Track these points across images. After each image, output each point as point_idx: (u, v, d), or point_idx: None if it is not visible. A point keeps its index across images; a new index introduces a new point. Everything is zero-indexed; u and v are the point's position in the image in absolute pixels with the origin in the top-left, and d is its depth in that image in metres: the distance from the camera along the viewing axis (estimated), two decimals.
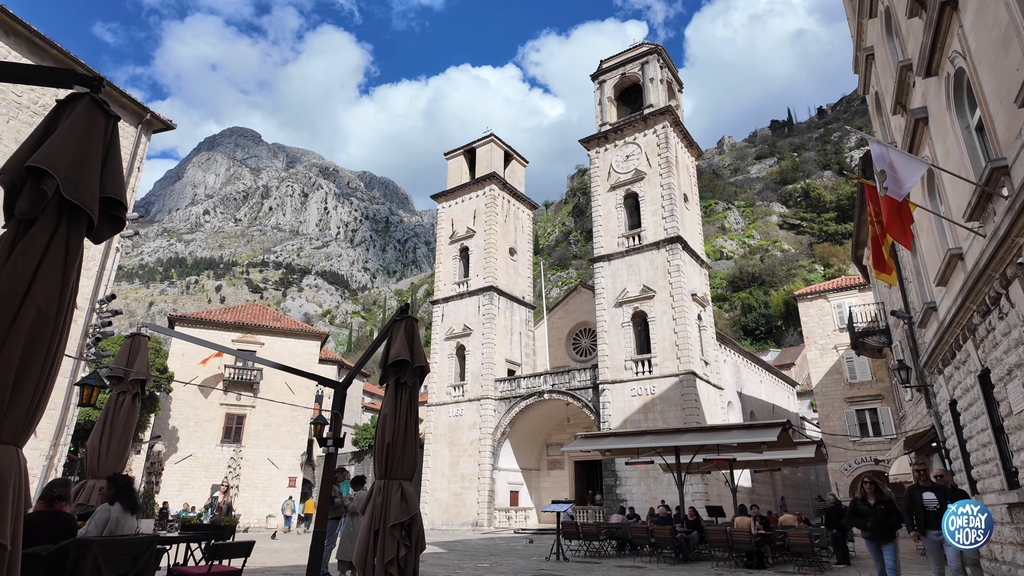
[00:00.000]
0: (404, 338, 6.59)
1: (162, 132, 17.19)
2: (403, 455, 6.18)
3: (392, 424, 6.24)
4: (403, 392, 6.42)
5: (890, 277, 8.68)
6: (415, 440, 6.41)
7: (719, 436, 14.03)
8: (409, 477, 6.21)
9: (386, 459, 6.11)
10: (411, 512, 5.96)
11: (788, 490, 36.72)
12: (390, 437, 6.18)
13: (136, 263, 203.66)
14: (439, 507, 32.05)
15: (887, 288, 17.85)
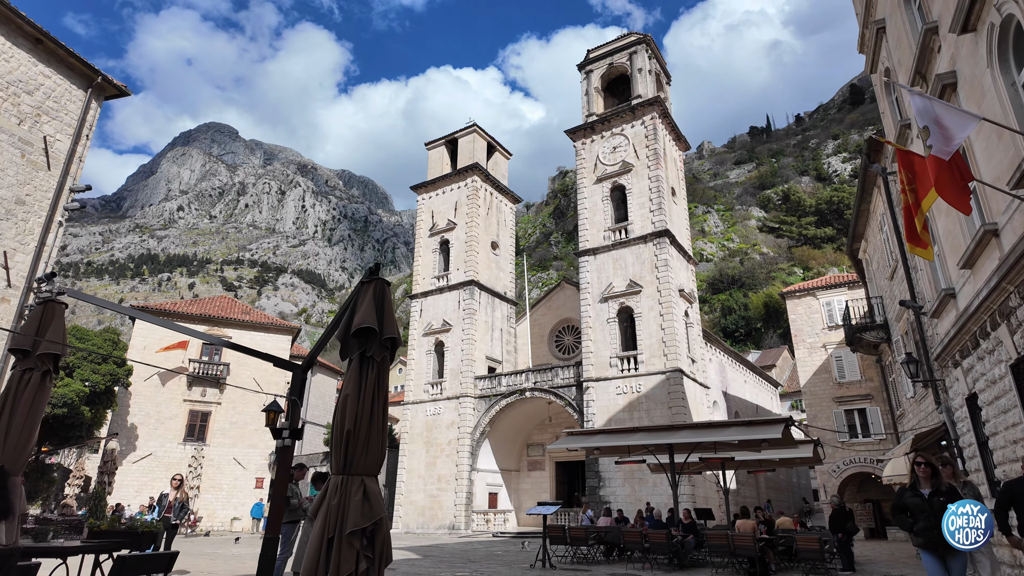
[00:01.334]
0: (372, 303, 5.40)
1: (116, 99, 15.71)
2: (367, 445, 4.99)
3: (355, 406, 5.04)
4: (369, 368, 5.22)
5: (926, 252, 7.71)
6: (383, 427, 5.22)
7: (718, 433, 13.04)
8: (374, 472, 5.03)
9: (345, 449, 4.91)
10: (375, 515, 4.77)
11: (772, 492, 36.10)
12: (351, 423, 4.99)
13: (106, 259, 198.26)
14: (414, 510, 30.70)
15: (888, 281, 17.07)
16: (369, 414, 5.08)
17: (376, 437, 5.07)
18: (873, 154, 15.44)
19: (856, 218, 19.13)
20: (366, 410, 5.07)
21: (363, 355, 5.29)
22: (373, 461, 5.04)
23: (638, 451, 14.72)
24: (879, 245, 17.86)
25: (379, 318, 5.40)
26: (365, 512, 4.81)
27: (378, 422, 5.13)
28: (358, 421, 5.01)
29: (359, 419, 5.02)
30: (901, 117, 12.45)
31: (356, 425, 5.00)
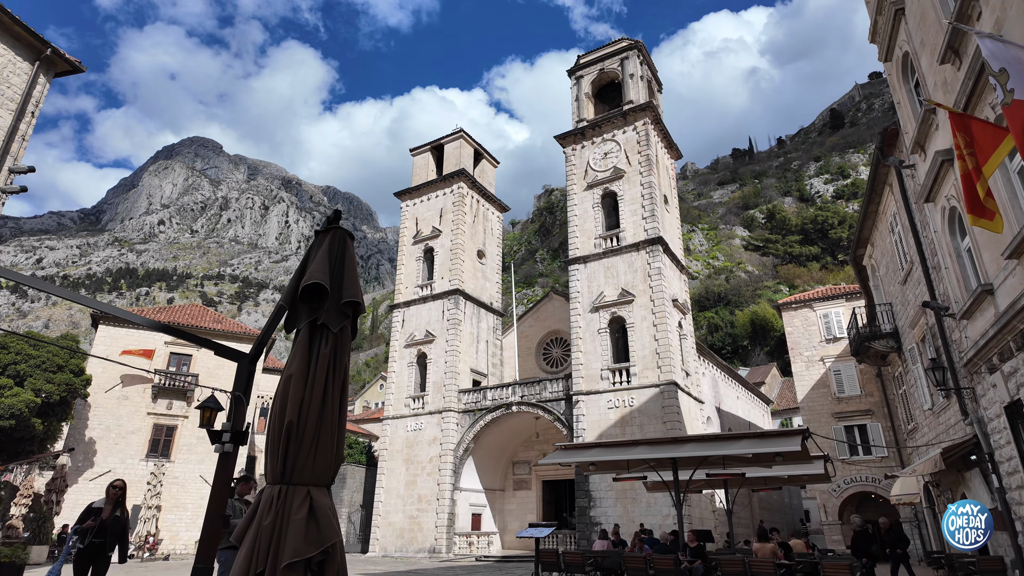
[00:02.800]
0: (327, 257, 4.11)
1: (67, 76, 14.34)
2: (316, 444, 3.68)
3: (300, 391, 3.73)
4: (321, 341, 3.92)
5: (993, 223, 6.61)
6: (339, 420, 3.91)
7: (729, 446, 11.80)
8: (326, 482, 3.72)
9: (285, 449, 3.59)
10: (324, 541, 3.44)
11: (766, 513, 34.82)
12: (294, 412, 3.68)
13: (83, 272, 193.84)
14: (393, 531, 28.93)
15: (899, 285, 16.09)
16: (321, 402, 3.76)
17: (329, 434, 3.74)
18: (886, 148, 14.53)
19: (862, 222, 18.22)
20: (316, 396, 3.74)
21: (314, 324, 4.00)
22: (324, 467, 3.71)
23: (638, 466, 13.41)
24: (888, 248, 16.92)
25: (335, 275, 4.12)
26: (311, 536, 3.47)
27: (332, 413, 3.80)
28: (304, 411, 3.68)
29: (306, 408, 3.69)
30: (925, 101, 11.50)
31: (301, 416, 3.67)
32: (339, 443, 3.81)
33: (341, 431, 3.85)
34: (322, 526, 3.47)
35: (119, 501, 7.77)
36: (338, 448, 3.80)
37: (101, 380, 27.79)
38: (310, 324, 3.97)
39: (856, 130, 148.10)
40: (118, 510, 7.69)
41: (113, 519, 7.55)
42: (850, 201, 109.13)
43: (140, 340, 29.25)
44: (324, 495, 3.62)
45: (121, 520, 7.66)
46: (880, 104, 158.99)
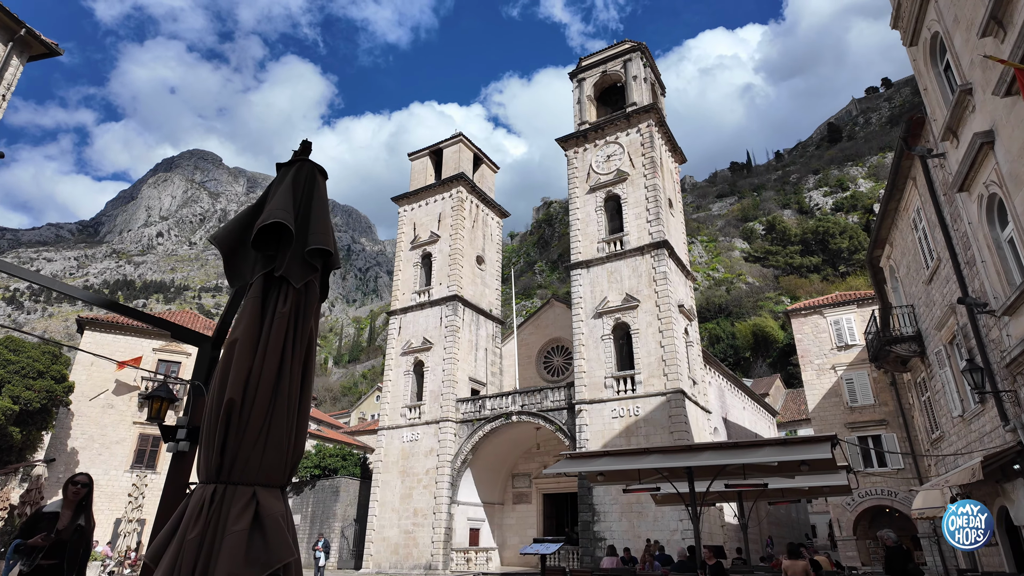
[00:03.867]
0: (290, 193, 3.22)
1: (42, 59, 13.52)
2: (267, 431, 2.76)
3: (247, 362, 2.82)
4: (278, 298, 3.03)
5: None
6: (301, 405, 3.00)
7: (751, 454, 10.85)
8: (280, 482, 2.79)
9: (224, 437, 2.69)
10: (271, 562, 2.50)
11: (774, 528, 33.70)
12: (237, 389, 2.76)
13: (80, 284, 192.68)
14: (387, 547, 27.76)
15: (924, 285, 15.22)
16: (275, 376, 2.84)
17: (285, 418, 2.81)
18: (911, 139, 13.72)
19: (881, 220, 17.39)
20: (269, 369, 2.81)
21: (269, 277, 3.10)
22: (276, 461, 2.77)
23: (649, 477, 12.44)
24: (909, 247, 16.07)
25: (301, 218, 3.23)
26: (255, 555, 2.52)
27: (289, 392, 2.88)
28: (252, 387, 2.76)
29: (254, 384, 2.76)
30: (961, 82, 10.70)
31: (247, 394, 2.75)
32: (299, 431, 2.89)
33: (302, 416, 2.93)
34: (271, 541, 2.55)
35: (82, 504, 5.13)
36: (298, 438, 2.88)
37: (85, 388, 26.76)
38: (265, 277, 3.07)
39: (854, 144, 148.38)
40: (80, 517, 5.06)
41: (75, 530, 4.96)
42: (849, 213, 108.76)
43: (128, 347, 28.26)
44: (276, 499, 2.69)
45: (85, 533, 5.06)
46: (878, 118, 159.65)
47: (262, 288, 3.02)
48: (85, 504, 5.25)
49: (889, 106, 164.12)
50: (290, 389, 2.85)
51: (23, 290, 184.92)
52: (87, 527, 5.20)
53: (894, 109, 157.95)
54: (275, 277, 3.03)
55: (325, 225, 3.21)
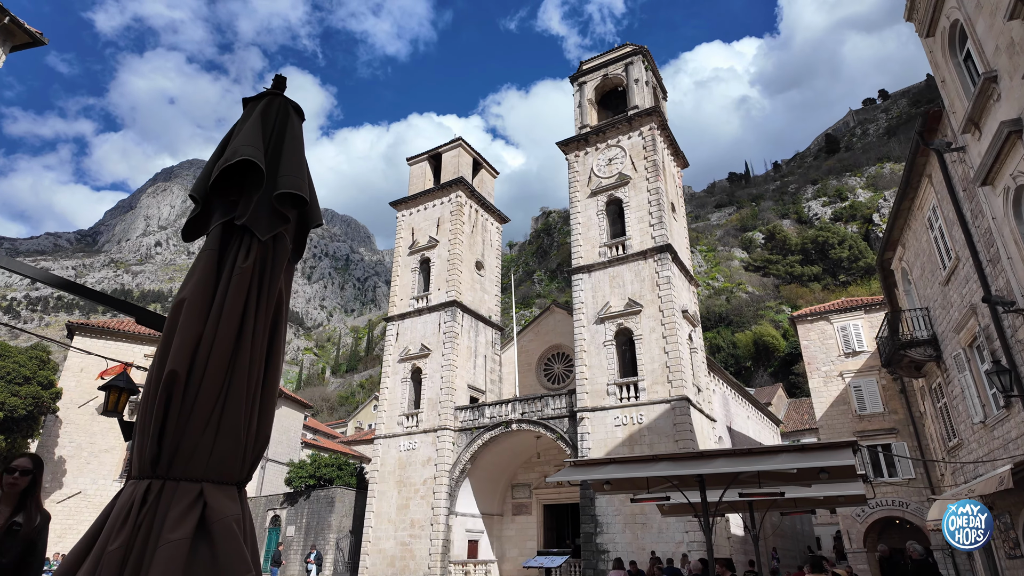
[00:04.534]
0: (258, 126, 2.66)
1: (25, 49, 13.02)
2: (221, 414, 2.18)
3: (197, 327, 2.24)
4: (238, 252, 2.47)
5: None
6: (267, 385, 2.42)
7: (767, 461, 10.25)
8: (236, 478, 2.21)
9: (163, 420, 2.12)
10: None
11: (779, 540, 32.96)
12: (182, 359, 2.18)
13: None
14: (383, 559, 26.98)
15: (940, 286, 14.69)
16: (232, 346, 2.26)
17: (244, 399, 2.24)
18: (927, 133, 13.25)
19: (893, 221, 16.89)
20: (224, 336, 2.21)
21: (230, 227, 2.54)
22: (231, 452, 2.16)
23: (659, 486, 11.81)
24: (924, 247, 15.57)
25: (271, 159, 2.68)
26: (197, 571, 1.96)
27: (251, 366, 2.31)
28: (202, 358, 2.19)
29: (204, 354, 2.19)
30: (985, 69, 10.23)
31: (195, 366, 2.15)
32: (263, 415, 2.31)
33: (267, 396, 2.35)
34: (220, 553, 1.96)
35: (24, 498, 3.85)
36: (261, 422, 2.30)
37: (74, 395, 26.08)
38: (224, 227, 2.51)
39: (852, 154, 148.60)
40: (19, 513, 3.77)
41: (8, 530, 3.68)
42: (849, 223, 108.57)
43: (119, 353, 27.57)
44: (230, 499, 2.11)
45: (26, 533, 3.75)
46: (875, 129, 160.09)
47: (220, 240, 2.46)
48: (28, 497, 3.90)
49: (886, 117, 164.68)
50: (252, 362, 2.28)
51: (19, 299, 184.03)
52: (35, 525, 3.82)
53: (891, 120, 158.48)
54: (237, 228, 2.48)
55: (299, 168, 2.65)
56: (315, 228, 2.86)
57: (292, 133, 2.77)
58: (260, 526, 32.31)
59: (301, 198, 2.60)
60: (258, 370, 2.30)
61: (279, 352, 2.46)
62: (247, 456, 2.21)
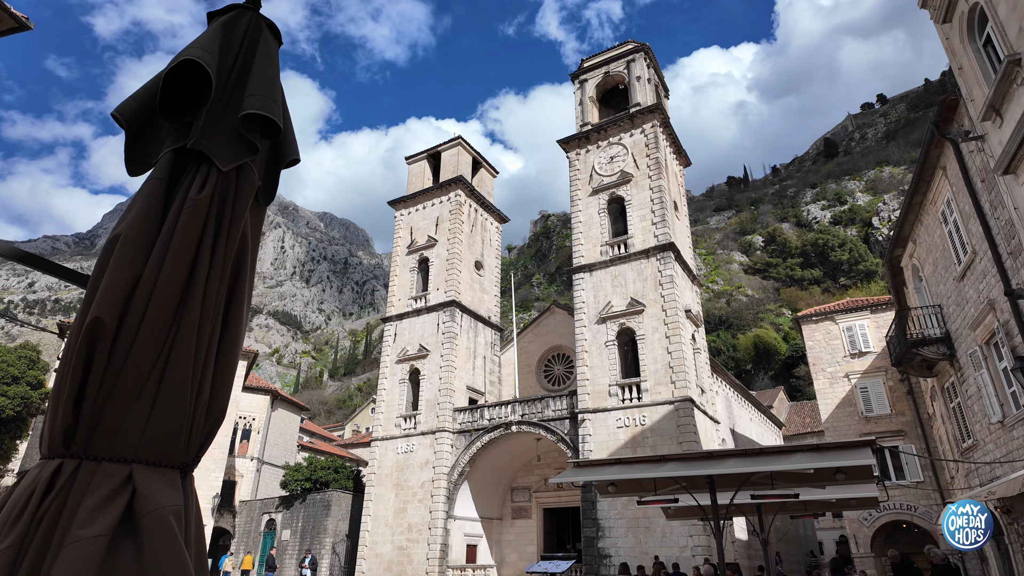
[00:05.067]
0: (218, 35, 2.18)
1: (12, 34, 12.56)
2: (161, 378, 1.73)
3: (133, 267, 1.79)
4: (192, 182, 2.01)
5: None
6: (226, 347, 1.96)
7: (781, 461, 9.78)
8: (179, 461, 1.75)
9: (81, 384, 1.66)
10: None
11: (782, 545, 32.37)
12: (110, 309, 1.70)
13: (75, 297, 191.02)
14: (380, 564, 26.42)
15: (955, 282, 14.25)
16: (180, 293, 1.78)
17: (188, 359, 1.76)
18: (943, 123, 12.84)
19: (904, 216, 16.47)
20: (170, 281, 1.73)
21: (183, 154, 2.06)
22: (172, 425, 1.64)
23: (666, 487, 11.34)
24: (937, 243, 15.14)
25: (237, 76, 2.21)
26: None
27: (202, 320, 1.83)
28: (137, 305, 1.70)
29: (142, 301, 1.71)
30: (1008, 52, 9.82)
31: (129, 316, 1.67)
32: (218, 384, 1.85)
33: (226, 359, 1.89)
34: (150, 557, 1.49)
35: None
36: (215, 393, 1.83)
37: None
38: (176, 155, 2.05)
39: (851, 158, 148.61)
40: None
41: None
42: (848, 227, 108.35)
43: None
44: (169, 486, 1.63)
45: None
46: (873, 134, 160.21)
47: (170, 169, 1.99)
48: None
49: (885, 122, 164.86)
50: (204, 315, 1.81)
51: (16, 302, 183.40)
52: None
53: (890, 125, 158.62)
54: (193, 156, 2.01)
55: (272, 91, 2.17)
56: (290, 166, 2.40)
57: (265, 51, 2.30)
58: (255, 530, 31.75)
59: (273, 126, 2.14)
60: (212, 325, 1.83)
61: (241, 307, 1.99)
62: (195, 432, 1.74)
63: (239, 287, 2.00)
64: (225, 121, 2.07)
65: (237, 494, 33.77)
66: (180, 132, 2.09)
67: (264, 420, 35.85)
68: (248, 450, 35.03)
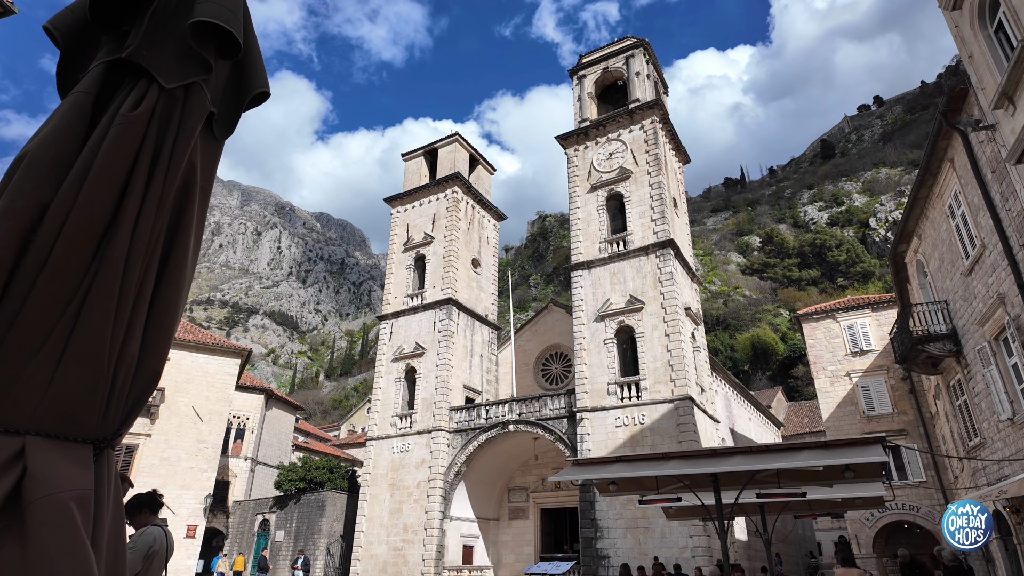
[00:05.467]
0: None
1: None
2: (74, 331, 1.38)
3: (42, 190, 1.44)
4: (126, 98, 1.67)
5: None
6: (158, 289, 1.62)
7: (788, 458, 9.46)
8: (93, 435, 1.40)
9: None
10: None
11: (781, 546, 32.07)
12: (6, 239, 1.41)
13: None
14: (375, 565, 26.02)
15: (962, 277, 13.96)
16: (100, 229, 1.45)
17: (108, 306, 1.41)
18: (951, 113, 12.54)
19: (909, 210, 16.18)
20: (90, 210, 1.43)
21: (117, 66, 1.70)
22: (88, 386, 1.37)
23: (670, 486, 10.99)
24: (944, 237, 14.84)
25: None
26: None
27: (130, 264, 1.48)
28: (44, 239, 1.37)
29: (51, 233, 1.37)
30: (1022, 36, 9.51)
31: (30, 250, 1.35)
32: (151, 341, 1.49)
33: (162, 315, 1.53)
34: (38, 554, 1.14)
35: None
36: (147, 352, 1.47)
37: None
38: (110, 68, 1.70)
39: (847, 160, 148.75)
40: None
41: None
42: (845, 227, 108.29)
43: None
44: (74, 466, 1.24)
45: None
46: (870, 135, 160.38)
47: (100, 84, 1.64)
48: None
49: (881, 123, 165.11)
50: (133, 255, 1.45)
51: None
52: None
53: (886, 126, 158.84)
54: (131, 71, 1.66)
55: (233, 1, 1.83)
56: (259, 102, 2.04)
57: None
58: (249, 530, 31.30)
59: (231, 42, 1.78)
60: (145, 269, 1.48)
61: (186, 252, 1.64)
62: (116, 399, 1.38)
63: (183, 228, 1.65)
64: (172, 30, 1.72)
65: (230, 494, 33.31)
66: (117, 43, 1.75)
67: (258, 419, 35.41)
68: (242, 450, 34.58)
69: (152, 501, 4.60)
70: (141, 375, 1.45)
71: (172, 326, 1.56)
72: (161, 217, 1.56)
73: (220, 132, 1.92)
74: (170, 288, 1.55)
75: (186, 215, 1.66)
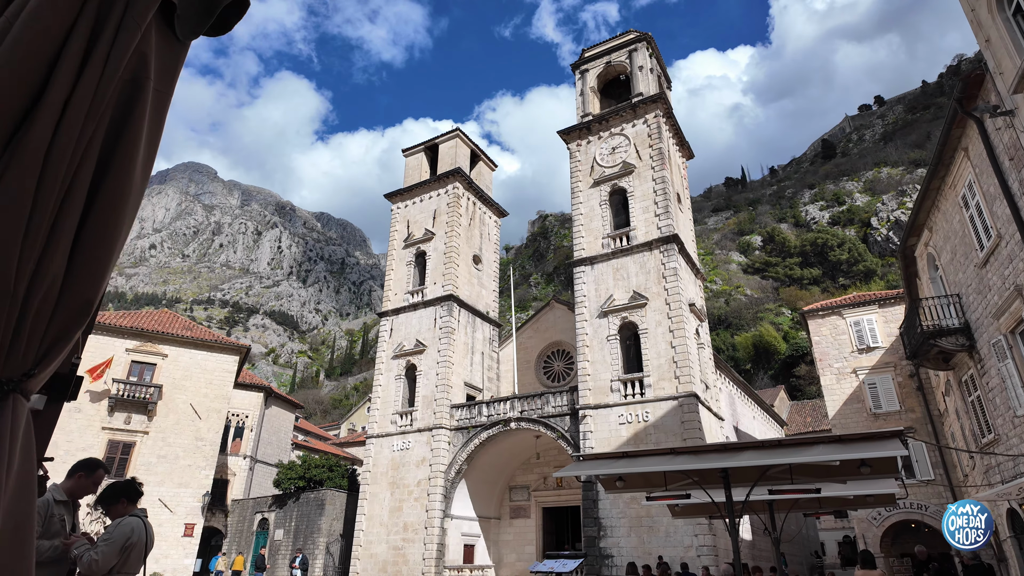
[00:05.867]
0: None
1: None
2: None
3: None
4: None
5: None
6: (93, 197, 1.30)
7: (803, 453, 9.13)
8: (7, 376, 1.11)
9: None
10: None
11: (785, 545, 31.73)
12: None
13: None
14: (375, 565, 25.70)
15: (976, 269, 13.63)
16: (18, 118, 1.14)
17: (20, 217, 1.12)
18: (967, 101, 12.21)
19: (920, 202, 15.85)
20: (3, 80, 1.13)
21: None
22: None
23: (678, 482, 10.66)
24: (956, 229, 14.52)
25: None
26: None
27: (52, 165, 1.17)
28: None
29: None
30: None
31: None
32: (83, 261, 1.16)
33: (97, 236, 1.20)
34: None
35: None
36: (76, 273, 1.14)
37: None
38: None
39: (848, 159, 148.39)
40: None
41: None
42: (847, 227, 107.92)
43: (98, 346, 26.33)
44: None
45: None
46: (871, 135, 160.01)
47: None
48: None
49: (882, 123, 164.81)
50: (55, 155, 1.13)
51: None
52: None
53: (887, 126, 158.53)
54: None
55: None
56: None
57: None
58: (248, 529, 31.00)
59: None
60: (70, 168, 1.16)
61: (131, 159, 1.32)
62: (30, 329, 1.06)
63: (131, 130, 1.33)
64: None
65: (229, 493, 33.01)
66: None
67: (257, 418, 35.10)
68: (241, 448, 34.28)
69: (131, 489, 4.27)
70: (68, 302, 1.13)
71: (112, 246, 1.24)
72: (98, 108, 1.24)
73: (182, 31, 1.59)
74: (110, 198, 1.23)
75: (135, 115, 1.34)
